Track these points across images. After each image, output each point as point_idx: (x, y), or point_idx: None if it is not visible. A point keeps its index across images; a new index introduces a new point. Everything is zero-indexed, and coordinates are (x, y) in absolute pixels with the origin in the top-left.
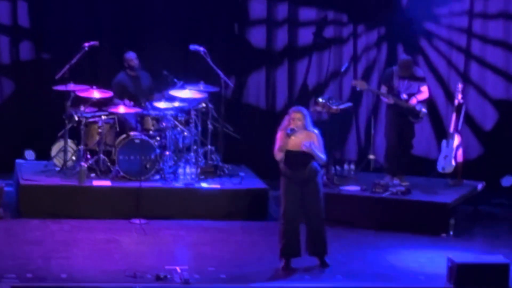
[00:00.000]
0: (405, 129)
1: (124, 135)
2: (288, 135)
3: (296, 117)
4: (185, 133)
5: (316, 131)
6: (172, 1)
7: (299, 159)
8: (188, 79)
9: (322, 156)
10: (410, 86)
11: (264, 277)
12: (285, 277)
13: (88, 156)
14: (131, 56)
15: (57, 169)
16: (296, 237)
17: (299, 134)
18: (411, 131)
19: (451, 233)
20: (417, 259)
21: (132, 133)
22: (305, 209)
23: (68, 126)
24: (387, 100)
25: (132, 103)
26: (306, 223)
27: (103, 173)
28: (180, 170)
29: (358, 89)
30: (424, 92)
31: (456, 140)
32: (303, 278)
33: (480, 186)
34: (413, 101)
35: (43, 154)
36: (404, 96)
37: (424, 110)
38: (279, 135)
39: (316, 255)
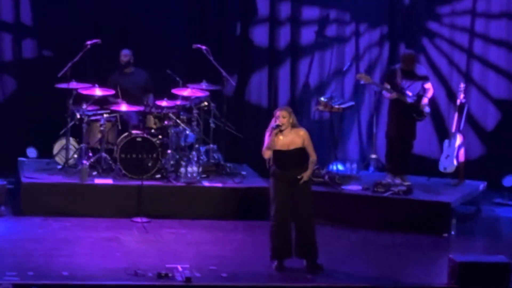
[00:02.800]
0: (407, 128)
1: (126, 133)
2: (273, 130)
3: (282, 115)
4: (187, 132)
5: (304, 129)
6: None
7: (289, 159)
8: (191, 78)
9: (313, 155)
10: (412, 84)
11: (265, 276)
12: (285, 277)
13: (90, 154)
14: (122, 53)
15: (59, 167)
16: (287, 238)
17: (287, 133)
18: (413, 130)
19: (453, 233)
20: (418, 259)
21: (134, 131)
22: (295, 210)
23: (70, 124)
24: (390, 95)
25: (124, 101)
26: (296, 224)
27: (105, 171)
28: (182, 169)
29: (362, 82)
30: (430, 89)
31: (458, 139)
32: (304, 278)
33: (481, 186)
34: (425, 100)
35: (45, 152)
36: (409, 93)
37: (427, 108)
38: (267, 135)
39: (304, 257)
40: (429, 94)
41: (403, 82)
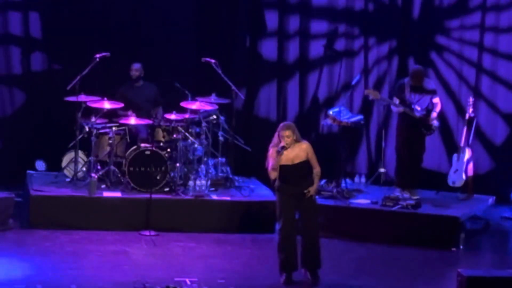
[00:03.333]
0: (416, 142)
1: (134, 147)
2: (278, 153)
3: (285, 134)
4: (196, 145)
5: (306, 142)
6: (184, 13)
7: (294, 172)
8: (200, 91)
9: (317, 167)
10: (421, 98)
11: None
12: None
13: (99, 167)
14: (133, 67)
15: (68, 180)
16: (294, 251)
17: (291, 149)
18: (421, 144)
19: (461, 247)
20: (427, 273)
21: (142, 144)
22: (301, 223)
23: (79, 137)
24: (397, 109)
25: (134, 113)
26: (302, 237)
27: (114, 185)
28: (191, 182)
29: (370, 98)
30: (438, 104)
31: (467, 154)
32: None
33: (490, 200)
34: (433, 115)
35: (54, 165)
36: (417, 108)
37: (436, 123)
38: (271, 152)
39: (308, 269)
40: (437, 108)
41: (411, 96)
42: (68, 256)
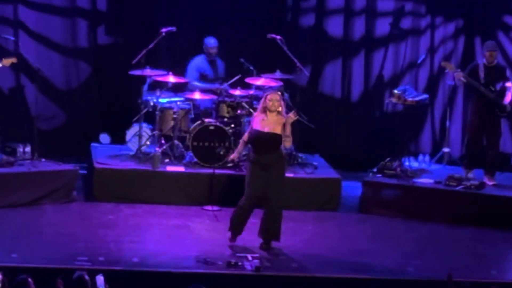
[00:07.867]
0: (493, 124)
1: (199, 122)
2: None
3: (274, 98)
4: None
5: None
6: None
7: (266, 142)
8: (265, 67)
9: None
10: (495, 79)
11: (335, 267)
12: (349, 268)
13: (163, 141)
14: (208, 43)
15: (132, 153)
16: (244, 222)
17: (271, 117)
18: (499, 127)
19: None
20: (490, 254)
21: (206, 119)
22: (266, 194)
23: (144, 111)
24: (459, 79)
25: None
26: (265, 208)
27: (177, 159)
28: None
29: (447, 71)
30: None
31: None
32: (373, 270)
33: None
34: (508, 98)
35: (118, 138)
36: (492, 88)
37: (509, 106)
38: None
39: (267, 239)
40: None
41: (485, 77)
42: (131, 229)
